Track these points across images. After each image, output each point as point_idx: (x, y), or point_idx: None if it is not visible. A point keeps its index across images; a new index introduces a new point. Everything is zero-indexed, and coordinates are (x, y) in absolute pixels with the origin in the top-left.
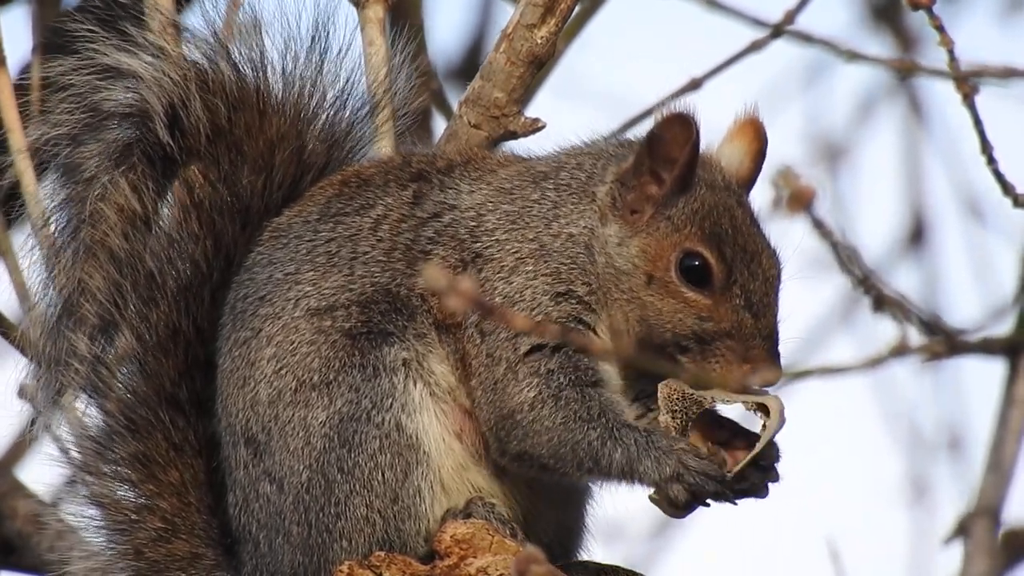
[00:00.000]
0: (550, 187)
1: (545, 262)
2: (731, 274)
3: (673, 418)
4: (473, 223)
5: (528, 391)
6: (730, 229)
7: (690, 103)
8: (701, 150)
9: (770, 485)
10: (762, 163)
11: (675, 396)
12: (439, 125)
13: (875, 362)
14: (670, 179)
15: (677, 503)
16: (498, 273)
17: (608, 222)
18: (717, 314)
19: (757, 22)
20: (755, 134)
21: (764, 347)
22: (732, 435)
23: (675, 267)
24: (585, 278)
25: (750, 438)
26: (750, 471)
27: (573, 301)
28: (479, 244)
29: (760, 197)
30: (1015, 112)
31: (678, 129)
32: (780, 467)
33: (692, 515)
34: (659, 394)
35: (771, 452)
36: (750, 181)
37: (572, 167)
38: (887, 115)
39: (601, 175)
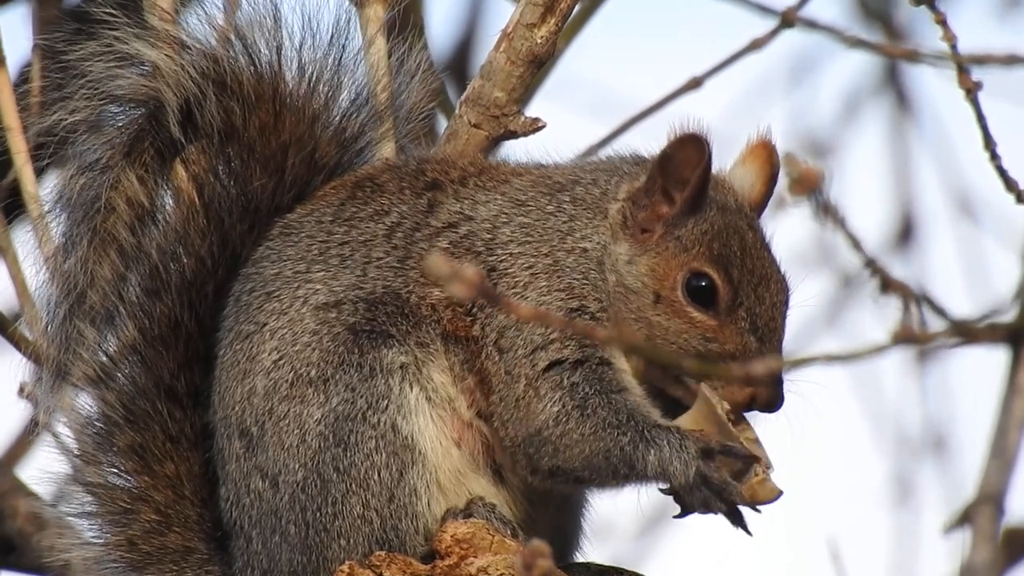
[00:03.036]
0: (566, 200)
1: (559, 277)
2: (737, 296)
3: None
4: (488, 235)
5: (552, 406)
6: (739, 251)
7: (702, 121)
8: (713, 171)
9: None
10: (774, 186)
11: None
12: (439, 123)
13: (878, 349)
14: (681, 199)
15: (690, 508)
16: (513, 288)
17: (619, 240)
18: (722, 336)
19: (764, 9)
20: (768, 157)
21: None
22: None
23: (682, 287)
24: (597, 294)
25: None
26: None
27: (586, 317)
28: (494, 257)
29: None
30: (1012, 107)
31: (690, 149)
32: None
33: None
34: (696, 402)
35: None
36: (762, 204)
37: (587, 182)
38: (875, 112)
39: (614, 192)
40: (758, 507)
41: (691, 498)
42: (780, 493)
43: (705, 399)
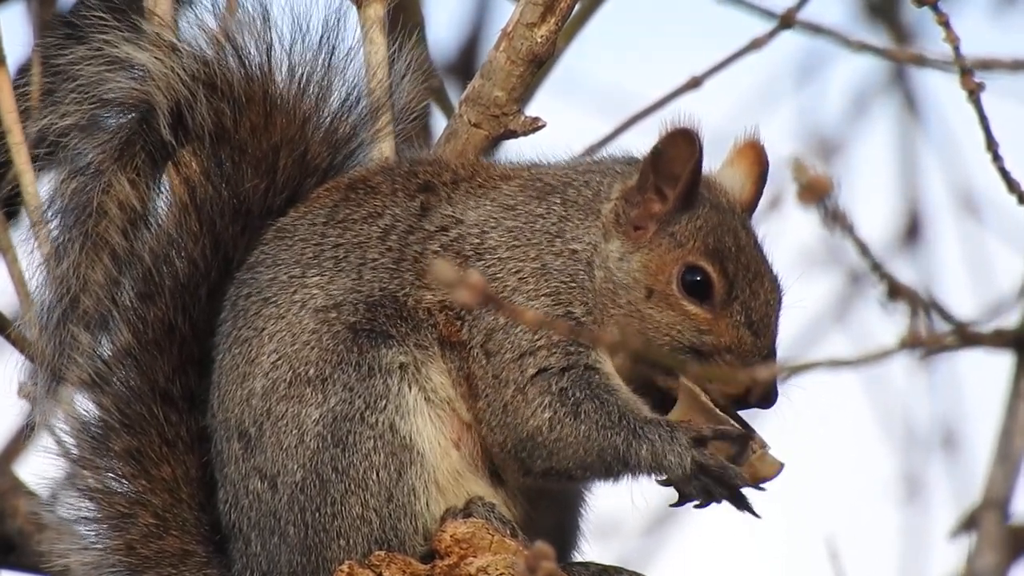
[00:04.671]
0: (557, 202)
1: (546, 281)
2: (732, 290)
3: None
4: (477, 240)
5: (544, 412)
6: (733, 247)
7: (693, 117)
8: (705, 169)
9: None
10: (764, 186)
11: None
12: (439, 123)
13: (884, 355)
14: (673, 196)
15: (691, 497)
16: (500, 293)
17: (611, 238)
18: (717, 328)
19: (763, 12)
20: (756, 157)
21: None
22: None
23: (677, 280)
24: (583, 297)
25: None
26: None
27: (571, 323)
28: (482, 262)
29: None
30: (1015, 108)
31: (681, 145)
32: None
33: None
34: (680, 395)
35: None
36: (752, 204)
37: (580, 184)
38: (882, 111)
39: (607, 192)
40: (761, 485)
41: (690, 488)
42: (782, 466)
43: (687, 389)
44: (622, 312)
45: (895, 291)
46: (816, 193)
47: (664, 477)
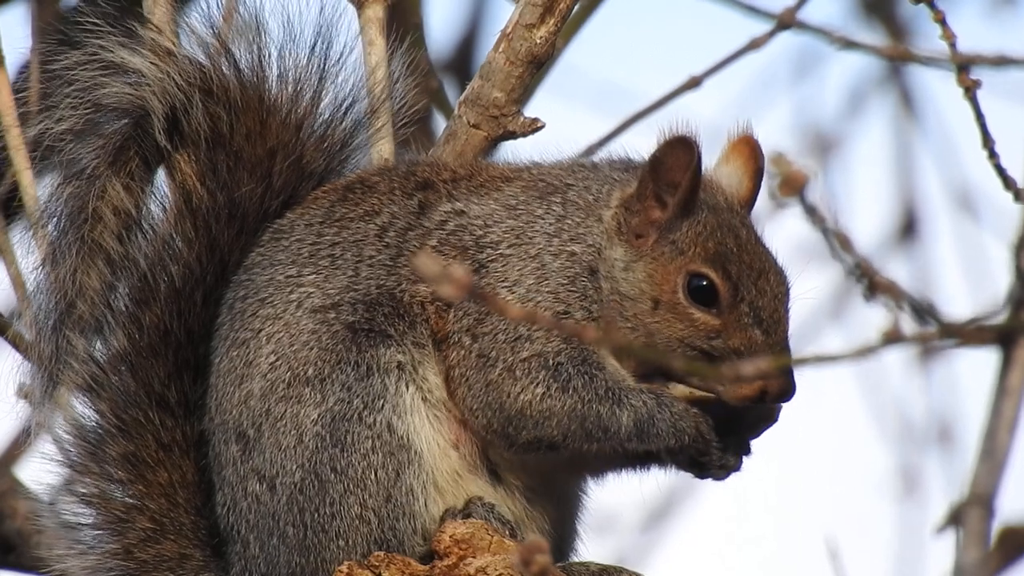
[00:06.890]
0: (556, 202)
1: (545, 280)
2: (738, 292)
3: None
4: (479, 232)
5: (536, 387)
6: (735, 248)
7: (690, 122)
8: (703, 172)
9: (743, 458)
10: (761, 181)
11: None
12: (439, 123)
13: (867, 350)
14: (673, 203)
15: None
16: (501, 282)
17: (614, 246)
18: (726, 333)
19: (761, 13)
20: (751, 153)
21: None
22: None
23: (683, 289)
24: (584, 303)
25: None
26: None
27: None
28: (483, 255)
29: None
30: (1010, 106)
31: (680, 153)
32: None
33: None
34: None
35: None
36: (751, 200)
37: (580, 188)
38: (878, 108)
39: (606, 200)
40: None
41: (692, 452)
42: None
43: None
44: (629, 325)
45: (875, 287)
46: (794, 187)
47: (651, 447)
